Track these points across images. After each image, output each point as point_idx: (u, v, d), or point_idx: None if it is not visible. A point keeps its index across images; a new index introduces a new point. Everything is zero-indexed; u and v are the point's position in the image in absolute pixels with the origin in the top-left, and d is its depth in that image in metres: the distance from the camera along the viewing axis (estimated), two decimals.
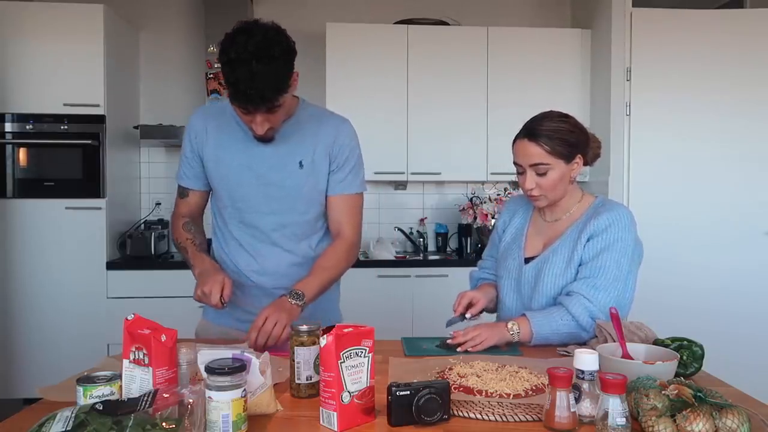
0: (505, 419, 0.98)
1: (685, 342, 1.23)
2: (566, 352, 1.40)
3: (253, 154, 1.55)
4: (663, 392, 0.92)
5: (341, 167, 1.60)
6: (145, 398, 0.83)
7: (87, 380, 0.94)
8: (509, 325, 1.44)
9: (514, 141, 1.52)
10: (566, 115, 1.51)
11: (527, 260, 1.59)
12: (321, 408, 0.96)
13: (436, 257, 3.69)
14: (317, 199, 1.62)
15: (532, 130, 1.47)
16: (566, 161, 1.48)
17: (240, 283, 1.60)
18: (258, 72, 1.29)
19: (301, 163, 1.56)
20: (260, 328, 1.36)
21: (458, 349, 1.39)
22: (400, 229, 3.82)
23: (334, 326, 0.96)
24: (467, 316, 1.57)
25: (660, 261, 3.27)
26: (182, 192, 1.66)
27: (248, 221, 1.60)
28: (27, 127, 3.22)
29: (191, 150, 1.60)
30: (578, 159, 1.50)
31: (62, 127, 3.24)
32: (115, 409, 0.81)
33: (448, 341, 1.43)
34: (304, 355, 1.10)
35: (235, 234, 1.62)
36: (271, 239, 1.60)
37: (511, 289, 1.60)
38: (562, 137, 1.46)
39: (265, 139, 1.49)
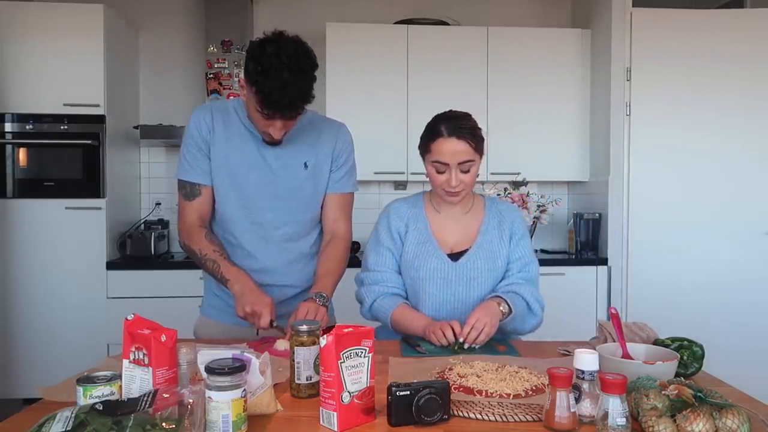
0: (505, 419, 0.98)
1: (686, 342, 1.23)
2: (566, 351, 1.40)
3: (263, 153, 1.60)
4: (663, 392, 0.92)
5: (340, 168, 1.70)
6: (145, 398, 0.83)
7: (87, 380, 0.94)
8: (501, 306, 1.50)
9: (434, 140, 1.55)
10: (469, 114, 1.59)
11: (452, 257, 1.62)
12: (321, 408, 0.96)
13: None
14: (318, 200, 1.69)
15: (456, 129, 1.52)
16: (481, 157, 1.58)
17: None
18: (290, 82, 1.36)
19: (306, 164, 1.63)
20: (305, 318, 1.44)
21: (466, 346, 1.41)
22: None
23: (333, 326, 0.96)
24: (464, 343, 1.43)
25: (659, 261, 3.29)
26: (192, 192, 1.61)
27: (254, 218, 1.62)
28: (27, 127, 3.22)
29: (200, 145, 1.59)
30: (483, 155, 1.60)
31: (62, 127, 3.24)
32: (115, 409, 0.81)
33: (464, 346, 1.41)
34: (304, 355, 1.10)
35: (236, 233, 1.64)
36: (273, 237, 1.64)
37: (439, 287, 1.60)
38: (479, 134, 1.56)
39: (276, 142, 1.56)
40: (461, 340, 1.41)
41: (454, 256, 1.62)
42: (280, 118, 1.44)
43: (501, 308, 1.49)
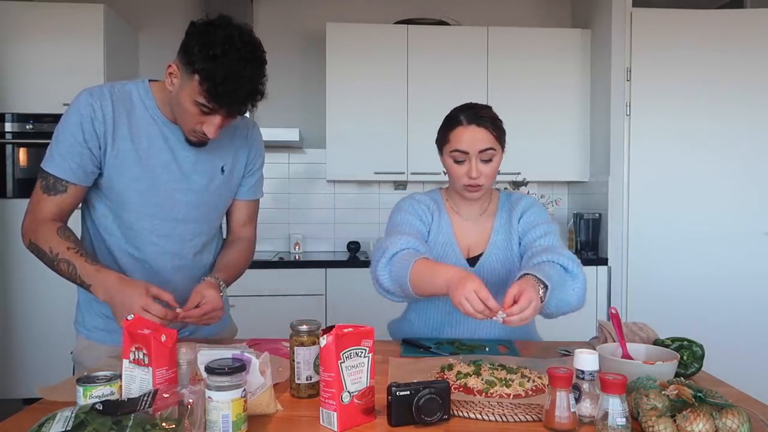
0: (505, 419, 0.98)
1: (686, 342, 1.23)
2: (566, 351, 1.40)
3: (178, 156, 1.39)
4: (663, 392, 0.92)
5: (254, 172, 1.56)
6: (145, 398, 0.83)
7: (87, 380, 0.94)
8: (540, 289, 1.22)
9: (452, 129, 1.46)
10: (489, 106, 1.52)
11: (469, 262, 1.54)
12: (321, 408, 0.96)
13: None
14: (226, 207, 1.55)
15: (476, 117, 1.44)
16: (502, 149, 1.50)
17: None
18: (245, 72, 1.20)
19: (223, 168, 1.47)
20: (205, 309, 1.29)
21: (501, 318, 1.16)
22: None
23: (334, 326, 0.96)
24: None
25: (659, 260, 3.29)
26: (55, 187, 1.34)
27: (163, 230, 1.41)
28: (27, 127, 3.22)
29: (86, 138, 1.32)
30: (504, 149, 1.51)
31: None
32: (115, 409, 0.81)
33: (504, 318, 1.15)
34: (304, 355, 1.10)
35: (139, 244, 1.41)
36: (183, 251, 1.45)
37: None
38: (500, 125, 1.48)
39: (202, 144, 1.36)
40: (503, 315, 1.15)
41: (471, 261, 1.54)
42: (225, 114, 1.25)
43: (540, 291, 1.22)
